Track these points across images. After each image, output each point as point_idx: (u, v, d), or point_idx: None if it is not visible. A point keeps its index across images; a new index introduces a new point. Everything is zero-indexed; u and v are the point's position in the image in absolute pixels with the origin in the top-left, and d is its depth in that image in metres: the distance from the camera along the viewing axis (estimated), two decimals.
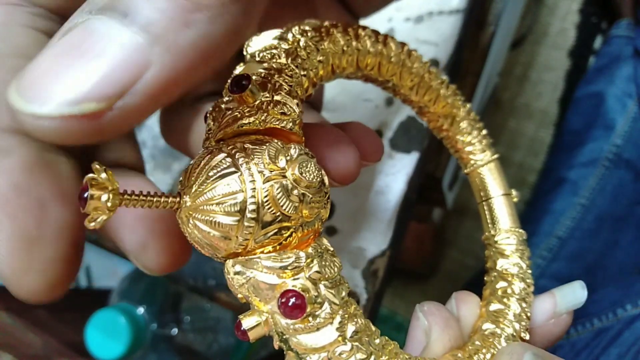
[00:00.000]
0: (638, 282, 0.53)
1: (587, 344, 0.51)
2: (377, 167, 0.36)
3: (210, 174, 0.13)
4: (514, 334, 0.19)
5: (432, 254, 0.84)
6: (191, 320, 0.48)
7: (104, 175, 0.12)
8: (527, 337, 0.19)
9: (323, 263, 0.14)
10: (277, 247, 0.14)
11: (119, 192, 0.12)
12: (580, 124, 0.73)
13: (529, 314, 0.20)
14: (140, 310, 0.46)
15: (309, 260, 0.14)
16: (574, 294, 0.20)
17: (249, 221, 0.13)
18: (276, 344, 0.14)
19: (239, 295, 0.14)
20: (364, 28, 0.19)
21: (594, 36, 0.88)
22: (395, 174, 0.35)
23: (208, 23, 0.11)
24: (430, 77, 0.21)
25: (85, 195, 0.11)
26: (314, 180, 0.14)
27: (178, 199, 0.14)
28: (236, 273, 0.14)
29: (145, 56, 0.11)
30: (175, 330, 0.48)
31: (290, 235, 0.14)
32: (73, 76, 0.10)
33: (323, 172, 0.15)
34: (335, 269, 0.15)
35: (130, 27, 0.11)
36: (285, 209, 0.13)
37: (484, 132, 0.23)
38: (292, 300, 0.13)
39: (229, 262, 0.14)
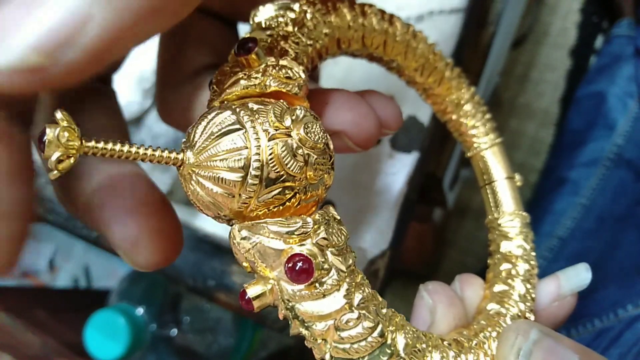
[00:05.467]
0: (639, 282, 0.53)
1: (588, 345, 0.50)
2: (377, 167, 0.36)
3: (215, 130, 0.13)
4: (519, 314, 0.19)
5: (432, 254, 0.84)
6: (191, 321, 0.48)
7: (59, 114, 0.11)
8: (532, 317, 0.19)
9: (330, 230, 0.14)
10: (280, 208, 0.14)
11: (80, 136, 0.12)
12: (581, 123, 0.73)
13: (533, 295, 0.19)
14: (140, 310, 0.46)
15: (316, 227, 0.14)
16: (578, 276, 0.20)
17: (252, 178, 0.13)
18: (281, 314, 0.14)
19: (244, 263, 0.14)
20: (370, 6, 0.19)
21: (595, 35, 0.87)
22: (396, 173, 0.35)
23: None
24: (435, 58, 0.21)
25: (44, 138, 0.11)
26: (320, 141, 0.14)
27: (181, 155, 0.13)
28: (242, 238, 0.14)
29: (85, 9, 0.10)
30: (174, 331, 0.48)
31: (293, 197, 0.14)
32: (18, 26, 0.10)
33: (328, 135, 0.15)
34: (342, 237, 0.14)
35: None
36: (289, 168, 0.13)
37: (488, 115, 0.23)
38: (299, 264, 0.13)
39: (236, 227, 0.14)
